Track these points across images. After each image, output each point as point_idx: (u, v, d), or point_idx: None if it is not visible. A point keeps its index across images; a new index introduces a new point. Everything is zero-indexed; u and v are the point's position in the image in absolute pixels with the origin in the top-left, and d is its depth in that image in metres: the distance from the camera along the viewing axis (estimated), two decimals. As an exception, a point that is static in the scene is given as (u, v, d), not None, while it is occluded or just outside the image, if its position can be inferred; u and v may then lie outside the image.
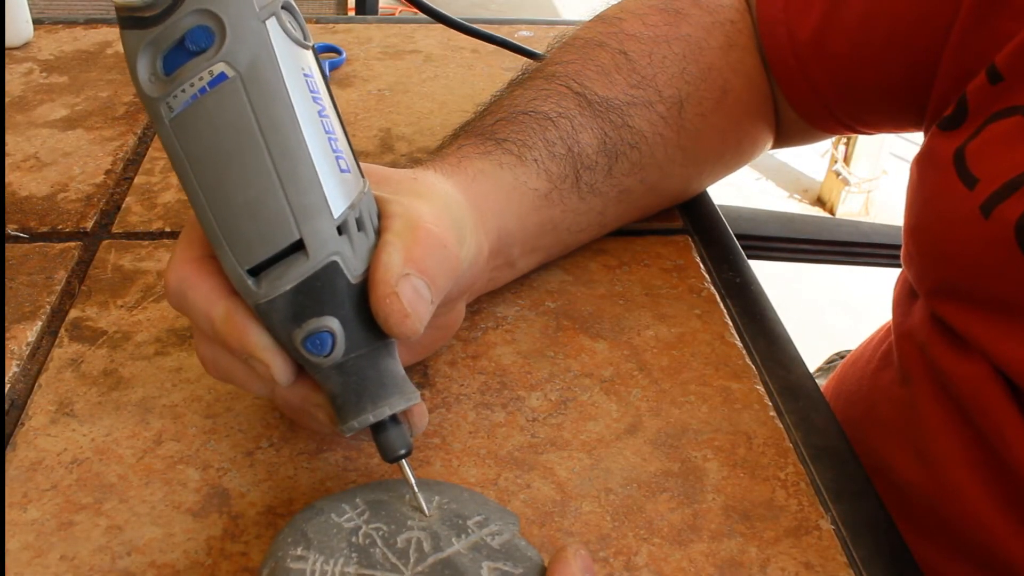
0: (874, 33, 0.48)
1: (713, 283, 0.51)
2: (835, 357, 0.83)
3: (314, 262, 0.30)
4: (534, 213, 0.45)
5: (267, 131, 0.29)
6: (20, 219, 0.54)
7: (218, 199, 0.30)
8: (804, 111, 0.53)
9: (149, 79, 0.30)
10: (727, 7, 0.53)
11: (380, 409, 0.32)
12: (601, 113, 0.47)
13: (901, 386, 0.48)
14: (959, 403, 0.43)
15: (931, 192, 0.44)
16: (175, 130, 0.30)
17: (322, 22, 0.84)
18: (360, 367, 0.32)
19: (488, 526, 0.33)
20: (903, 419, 0.47)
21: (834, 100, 0.51)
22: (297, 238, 0.30)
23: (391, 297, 0.30)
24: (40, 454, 0.38)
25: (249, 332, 0.31)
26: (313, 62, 0.31)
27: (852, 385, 0.55)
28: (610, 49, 0.50)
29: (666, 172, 0.51)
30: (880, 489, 0.39)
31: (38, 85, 0.70)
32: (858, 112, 0.52)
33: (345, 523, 0.32)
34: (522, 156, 0.45)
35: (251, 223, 0.30)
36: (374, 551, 0.31)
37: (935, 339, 0.45)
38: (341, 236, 0.31)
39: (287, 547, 0.31)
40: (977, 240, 0.40)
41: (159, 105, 0.30)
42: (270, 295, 0.30)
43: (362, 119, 0.67)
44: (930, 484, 0.45)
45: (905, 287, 0.50)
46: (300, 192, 0.30)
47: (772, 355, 0.46)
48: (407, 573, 0.31)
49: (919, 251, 0.45)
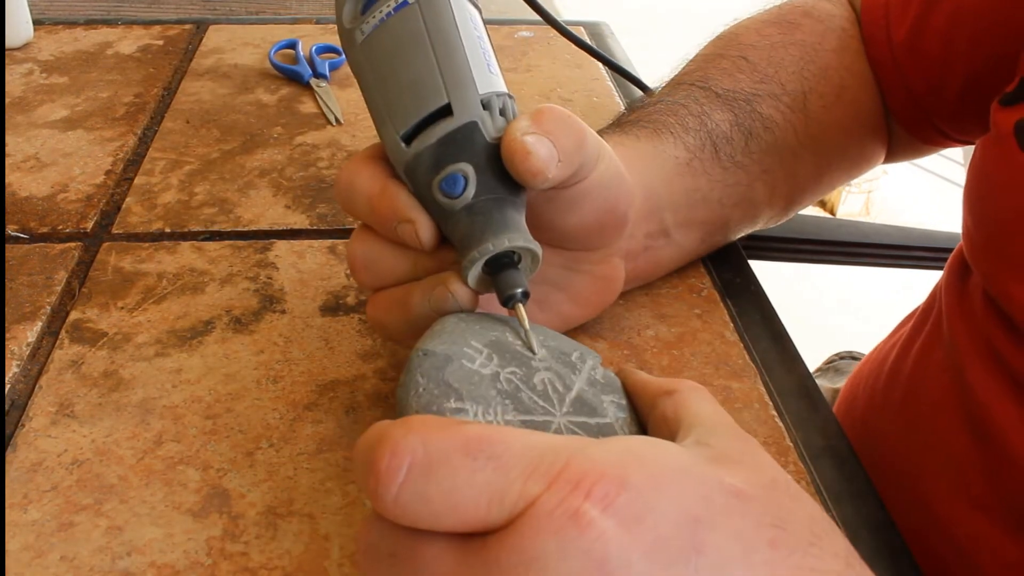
0: (960, 32, 0.50)
1: (713, 283, 0.51)
2: (835, 357, 0.83)
3: (458, 120, 0.35)
4: (678, 179, 0.46)
5: (432, 33, 0.36)
6: (20, 219, 0.54)
7: (388, 86, 0.36)
8: (902, 116, 0.55)
9: (350, 18, 0.38)
10: (837, 16, 0.56)
11: (500, 240, 0.34)
12: (729, 101, 0.50)
13: (952, 363, 0.48)
14: (1014, 376, 0.43)
15: (992, 164, 0.44)
16: (363, 48, 0.37)
17: (322, 22, 0.84)
18: (487, 209, 0.34)
19: (586, 361, 0.34)
20: (955, 395, 0.47)
21: (928, 102, 0.53)
22: (446, 102, 0.35)
23: (517, 141, 0.34)
24: (40, 455, 0.39)
25: (399, 196, 0.36)
26: (475, 12, 0.38)
27: (892, 366, 0.55)
28: (730, 57, 0.53)
29: (800, 158, 0.52)
30: (934, 466, 0.39)
31: (38, 86, 0.70)
32: (950, 115, 0.53)
33: (481, 369, 0.31)
34: (657, 131, 0.47)
35: (410, 95, 0.35)
36: (521, 396, 0.31)
37: (989, 314, 0.45)
38: (484, 110, 0.35)
39: (440, 401, 0.30)
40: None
41: (354, 32, 0.37)
42: (418, 149, 0.35)
43: (362, 119, 0.67)
44: (987, 458, 0.45)
45: (956, 266, 0.51)
46: (452, 71, 0.35)
47: (772, 355, 0.46)
48: (558, 415, 0.31)
49: (976, 222, 0.45)
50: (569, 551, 0.23)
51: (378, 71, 0.37)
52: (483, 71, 0.36)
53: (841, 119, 0.54)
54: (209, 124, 0.66)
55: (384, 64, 0.36)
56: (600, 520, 0.23)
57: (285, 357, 0.44)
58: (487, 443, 0.25)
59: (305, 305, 0.48)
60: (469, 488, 0.24)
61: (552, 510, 0.23)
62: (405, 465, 0.24)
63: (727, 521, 0.25)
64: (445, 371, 0.30)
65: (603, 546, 0.23)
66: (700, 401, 0.32)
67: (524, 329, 0.34)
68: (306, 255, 0.52)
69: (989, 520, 0.44)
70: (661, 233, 0.47)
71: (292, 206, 0.56)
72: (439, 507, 0.24)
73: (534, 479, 0.24)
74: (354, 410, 0.41)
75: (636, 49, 0.91)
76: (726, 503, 0.25)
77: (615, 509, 0.24)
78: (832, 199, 2.39)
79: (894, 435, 0.52)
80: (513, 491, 0.24)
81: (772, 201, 0.52)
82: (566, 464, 0.24)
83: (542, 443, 0.25)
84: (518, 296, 0.34)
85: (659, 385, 0.33)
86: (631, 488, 0.24)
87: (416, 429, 0.25)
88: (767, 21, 0.56)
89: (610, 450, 0.26)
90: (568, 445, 0.25)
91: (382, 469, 0.24)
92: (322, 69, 0.73)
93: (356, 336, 0.46)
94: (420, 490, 0.24)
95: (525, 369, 0.32)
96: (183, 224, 0.54)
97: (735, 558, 0.25)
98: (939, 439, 0.48)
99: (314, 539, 0.35)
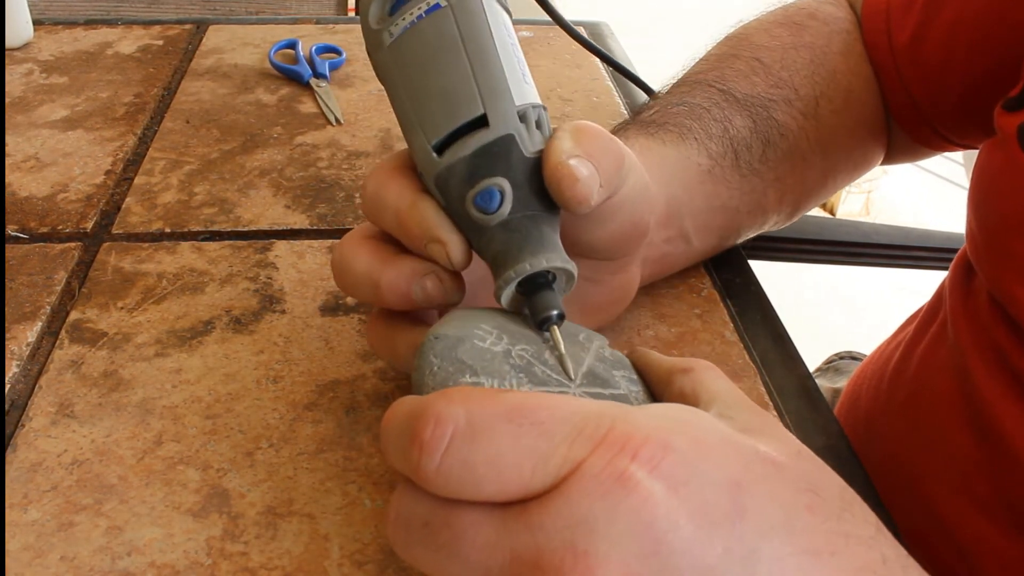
0: (960, 41, 0.50)
1: (713, 283, 0.51)
2: (835, 357, 0.83)
3: (494, 132, 0.33)
4: (700, 186, 0.47)
5: (467, 39, 0.34)
6: (20, 219, 0.54)
7: (419, 92, 0.35)
8: (903, 119, 0.55)
9: (377, 19, 0.36)
10: (841, 19, 0.57)
11: (537, 259, 0.32)
12: (748, 107, 0.50)
13: (957, 364, 0.48)
14: (1018, 377, 0.43)
15: (996, 167, 0.45)
16: (392, 51, 0.35)
17: (322, 22, 0.84)
18: (523, 226, 0.33)
19: (593, 340, 0.34)
20: (960, 396, 0.47)
21: (928, 107, 0.54)
22: (481, 112, 0.33)
23: (563, 165, 0.33)
24: (40, 455, 0.39)
25: (430, 213, 0.34)
26: (507, 17, 0.37)
27: (896, 367, 0.55)
28: (744, 58, 0.53)
29: (810, 163, 0.53)
30: (938, 466, 0.39)
31: (38, 86, 0.70)
32: (951, 120, 0.54)
33: (493, 347, 0.31)
34: (683, 135, 0.47)
35: (443, 103, 0.34)
36: (535, 370, 0.31)
37: (994, 316, 0.45)
38: (520, 123, 0.34)
39: (456, 376, 0.29)
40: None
41: (382, 34, 0.35)
42: (451, 160, 0.34)
43: (362, 119, 0.67)
44: (991, 459, 0.45)
45: (960, 268, 0.51)
46: (488, 79, 0.34)
47: (772, 355, 0.46)
48: (573, 387, 0.31)
49: (980, 224, 0.46)
50: (617, 513, 0.23)
51: (408, 76, 0.35)
52: (518, 81, 0.35)
53: (848, 123, 0.54)
54: (209, 124, 0.66)
55: (415, 69, 0.35)
56: (647, 482, 0.23)
57: (285, 357, 0.44)
58: (530, 409, 0.25)
59: (305, 305, 0.48)
60: (513, 454, 0.24)
61: (599, 472, 0.23)
62: (448, 434, 0.24)
63: (767, 486, 0.25)
64: (458, 350, 0.30)
65: (651, 508, 0.23)
66: (717, 379, 0.32)
67: (559, 353, 0.32)
68: (306, 255, 0.52)
69: (992, 521, 0.44)
70: (680, 238, 0.47)
71: (292, 206, 0.56)
72: (482, 474, 0.24)
73: (579, 443, 0.24)
74: (354, 410, 0.41)
75: (636, 49, 0.91)
76: (764, 470, 0.26)
77: (661, 471, 0.24)
78: (832, 199, 2.39)
79: (897, 436, 0.52)
80: (558, 455, 0.24)
81: (780, 207, 0.52)
82: (610, 427, 0.24)
83: (585, 408, 0.25)
84: (554, 318, 0.33)
85: (674, 363, 0.33)
86: (676, 451, 0.24)
87: (457, 399, 0.25)
88: (775, 22, 0.56)
89: (652, 415, 0.26)
90: (610, 410, 0.25)
91: (426, 439, 0.24)
92: (322, 69, 0.73)
93: (356, 336, 0.46)
94: (464, 458, 0.24)
95: (535, 347, 0.32)
96: (183, 224, 0.54)
97: (777, 523, 0.25)
98: (943, 440, 0.48)
99: (314, 539, 0.35)
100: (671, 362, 0.33)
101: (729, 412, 0.29)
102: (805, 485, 0.26)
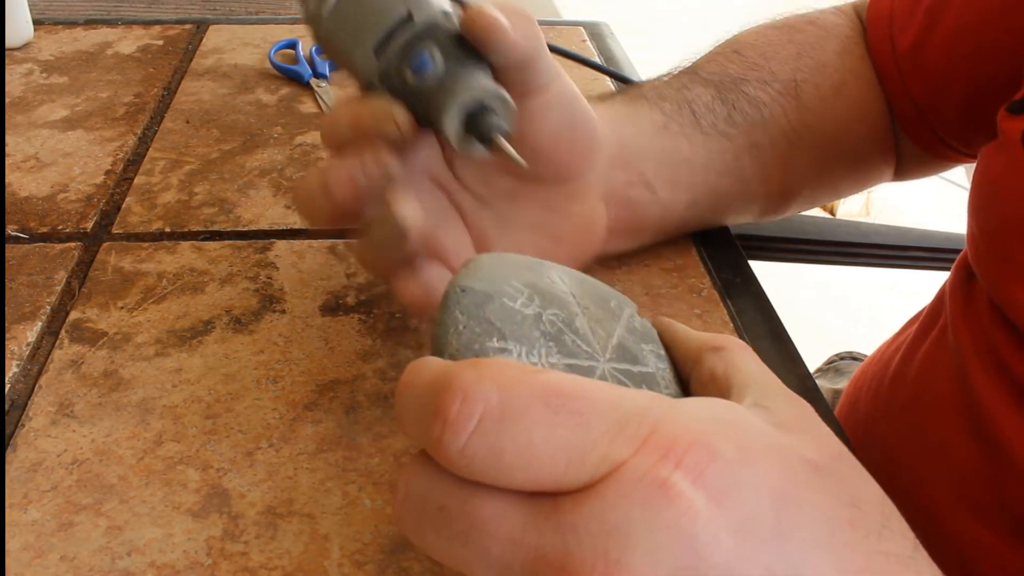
0: (962, 47, 0.50)
1: (713, 283, 0.51)
2: (835, 357, 0.83)
3: (419, 21, 0.38)
4: (656, 138, 0.48)
5: None
6: (20, 219, 0.54)
7: (358, 24, 0.40)
8: (907, 125, 0.55)
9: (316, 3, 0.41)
10: (841, 25, 0.56)
11: (475, 89, 0.37)
12: (715, 82, 0.51)
13: (957, 368, 0.48)
14: (1018, 383, 0.43)
15: (998, 171, 0.44)
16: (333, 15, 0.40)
17: (322, 22, 0.84)
18: (459, 77, 0.38)
19: (624, 309, 0.32)
20: (960, 400, 0.47)
21: (931, 112, 0.53)
22: (406, 11, 0.39)
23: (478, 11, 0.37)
24: (40, 455, 0.39)
25: (376, 100, 0.39)
26: None
27: (897, 369, 0.55)
28: (724, 52, 0.54)
29: (794, 144, 0.52)
30: (938, 471, 0.39)
31: (38, 86, 0.70)
32: (953, 126, 0.54)
33: (523, 309, 0.29)
34: (633, 99, 0.50)
35: (376, 18, 0.39)
36: (565, 339, 0.29)
37: (994, 320, 0.45)
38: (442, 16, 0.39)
39: (483, 339, 0.27)
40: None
41: (320, 8, 0.41)
42: (389, 55, 0.39)
43: (362, 119, 0.67)
44: (991, 465, 0.45)
45: (961, 272, 0.51)
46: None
47: (772, 355, 0.46)
48: (602, 361, 0.29)
49: (981, 228, 0.45)
50: (657, 523, 0.21)
51: (347, 23, 0.40)
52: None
53: (839, 113, 0.54)
54: (209, 124, 0.66)
55: (352, 14, 0.40)
56: (690, 492, 0.22)
57: (285, 357, 0.44)
58: (569, 397, 0.23)
59: (305, 305, 0.48)
60: (547, 444, 0.22)
61: (640, 477, 0.22)
62: (478, 413, 0.22)
63: (810, 497, 0.24)
64: (486, 308, 0.28)
65: (692, 520, 0.21)
66: (750, 360, 0.30)
67: (510, 156, 0.36)
68: (306, 255, 0.52)
69: (991, 528, 0.44)
70: (642, 184, 0.47)
71: (292, 206, 0.56)
72: (511, 462, 0.22)
73: (620, 441, 0.22)
74: (354, 410, 0.41)
75: (636, 49, 0.91)
76: (807, 479, 0.24)
77: (704, 481, 0.22)
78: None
79: (897, 439, 0.52)
80: (596, 452, 0.22)
81: (768, 184, 0.52)
82: (654, 428, 0.23)
83: (627, 402, 0.24)
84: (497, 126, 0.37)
85: (704, 340, 0.31)
86: (720, 459, 0.23)
87: (489, 375, 0.23)
88: (770, 26, 0.56)
89: (695, 416, 0.24)
90: (654, 406, 0.24)
91: (451, 416, 0.22)
92: (322, 69, 0.73)
93: (356, 336, 0.46)
94: (492, 442, 0.22)
95: (566, 312, 0.30)
96: (183, 224, 0.54)
97: (820, 539, 0.24)
98: (942, 444, 0.48)
99: (314, 539, 0.35)
100: (701, 338, 0.32)
101: (765, 401, 0.28)
102: (848, 497, 0.25)
